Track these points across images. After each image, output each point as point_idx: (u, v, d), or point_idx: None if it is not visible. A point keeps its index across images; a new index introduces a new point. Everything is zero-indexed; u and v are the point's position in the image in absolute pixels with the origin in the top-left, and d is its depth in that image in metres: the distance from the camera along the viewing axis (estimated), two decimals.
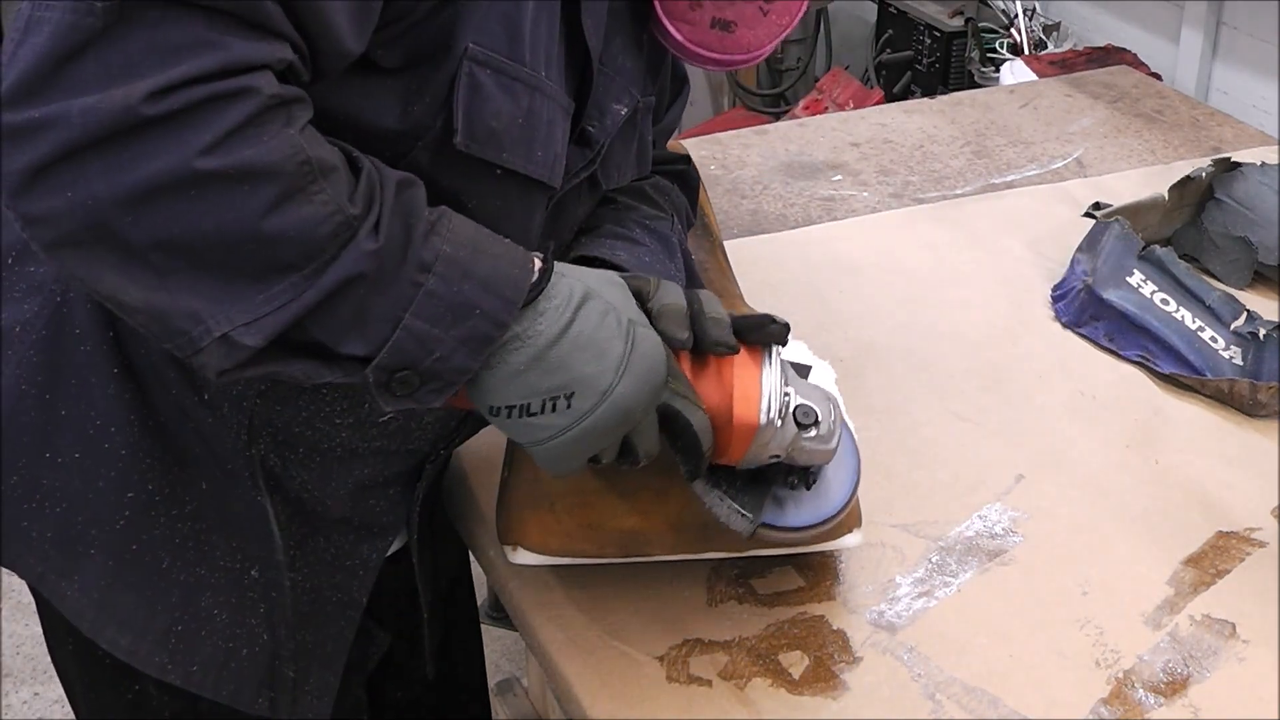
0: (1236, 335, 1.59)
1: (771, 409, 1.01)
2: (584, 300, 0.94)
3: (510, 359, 0.91)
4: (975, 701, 1.11)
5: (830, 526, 1.11)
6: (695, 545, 1.14)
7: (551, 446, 0.94)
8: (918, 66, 3.32)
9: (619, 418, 0.93)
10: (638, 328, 0.95)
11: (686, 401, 0.97)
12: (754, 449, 1.03)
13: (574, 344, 0.92)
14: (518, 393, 0.92)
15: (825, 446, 1.05)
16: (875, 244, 1.77)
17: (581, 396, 0.92)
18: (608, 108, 1.12)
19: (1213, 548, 1.28)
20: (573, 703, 1.13)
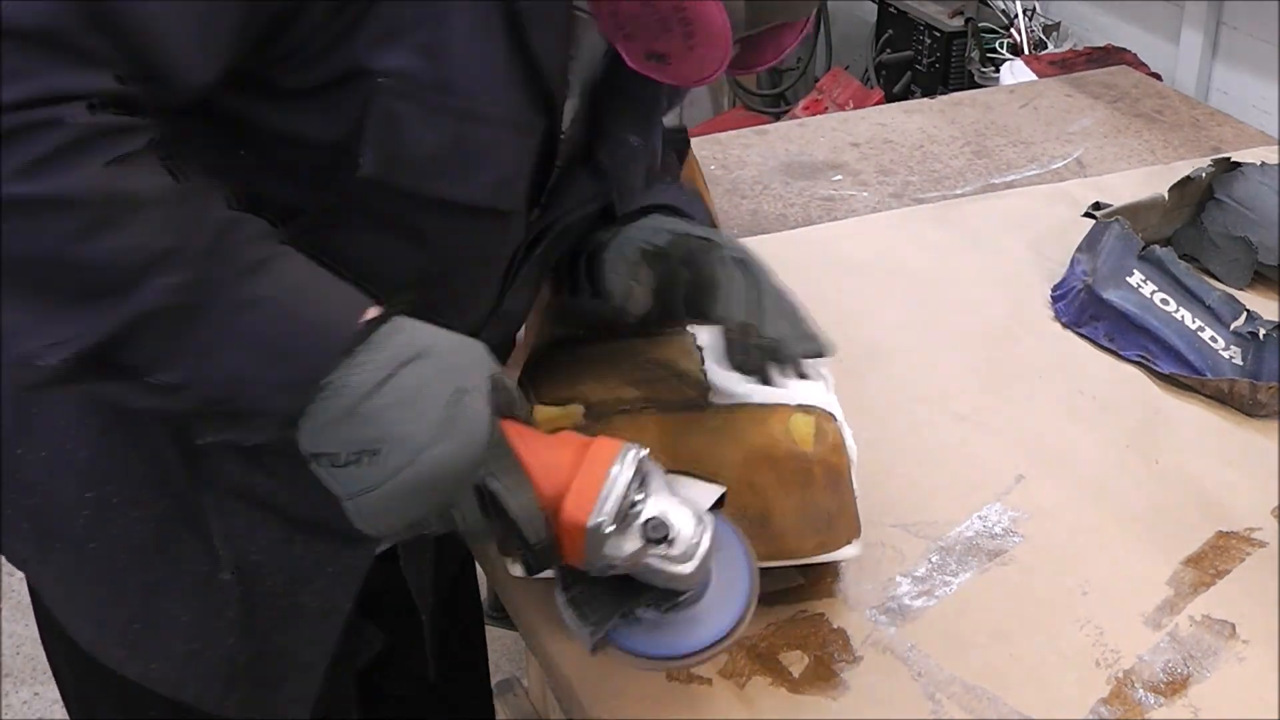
0: (1236, 335, 1.59)
1: (605, 514, 0.93)
2: (414, 357, 0.90)
3: (323, 408, 0.89)
4: (975, 701, 1.11)
5: (691, 661, 1.03)
6: None
7: (362, 503, 0.90)
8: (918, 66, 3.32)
9: (429, 482, 0.89)
10: (468, 396, 0.91)
11: (504, 487, 0.93)
12: (590, 555, 0.95)
13: (390, 399, 0.89)
14: (328, 441, 0.89)
15: (678, 569, 0.96)
16: (875, 244, 1.77)
17: (391, 453, 0.89)
18: (622, 138, 1.11)
19: (1213, 548, 1.28)
20: (573, 703, 1.13)
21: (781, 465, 1.13)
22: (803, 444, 1.14)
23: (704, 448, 1.13)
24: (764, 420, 1.14)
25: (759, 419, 1.15)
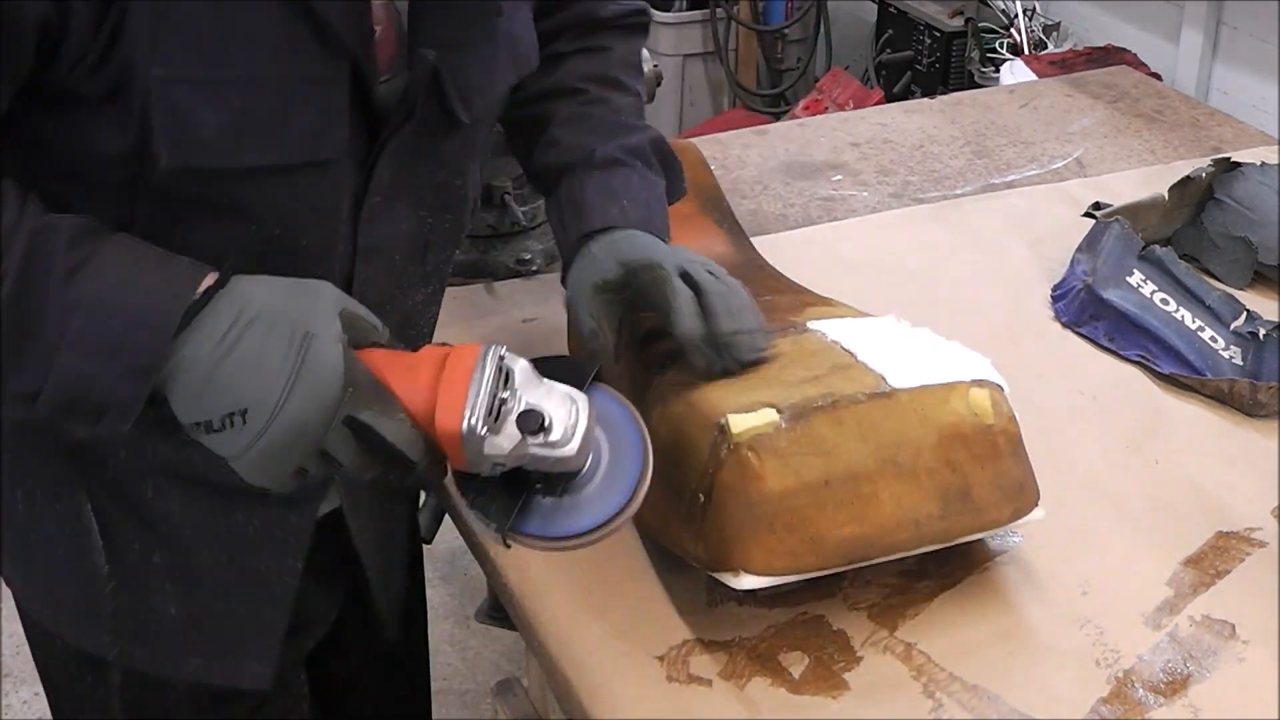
0: (1236, 335, 1.59)
1: (475, 416, 0.96)
2: (252, 319, 0.94)
3: (183, 382, 0.93)
4: (976, 700, 1.11)
5: (597, 535, 1.04)
6: (911, 543, 1.14)
7: (243, 463, 0.94)
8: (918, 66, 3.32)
9: (294, 433, 0.93)
10: (314, 341, 0.94)
11: (375, 414, 0.95)
12: (471, 459, 0.98)
13: (237, 366, 0.93)
14: (198, 412, 0.94)
15: (560, 453, 0.99)
16: (875, 244, 1.77)
17: (253, 415, 0.93)
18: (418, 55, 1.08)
19: (1213, 548, 1.28)
20: (573, 703, 1.13)
21: (972, 441, 1.16)
22: (985, 417, 1.17)
23: (901, 432, 1.14)
24: (946, 399, 1.17)
25: (942, 398, 1.17)
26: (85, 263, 0.93)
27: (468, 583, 2.69)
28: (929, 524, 1.14)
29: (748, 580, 1.11)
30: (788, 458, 1.11)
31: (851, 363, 1.21)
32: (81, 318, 0.92)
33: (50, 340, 0.92)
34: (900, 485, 1.13)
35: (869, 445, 1.13)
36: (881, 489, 1.13)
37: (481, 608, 2.62)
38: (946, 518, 1.14)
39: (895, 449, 1.14)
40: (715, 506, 1.12)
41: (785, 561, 1.11)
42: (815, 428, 1.13)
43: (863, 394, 1.16)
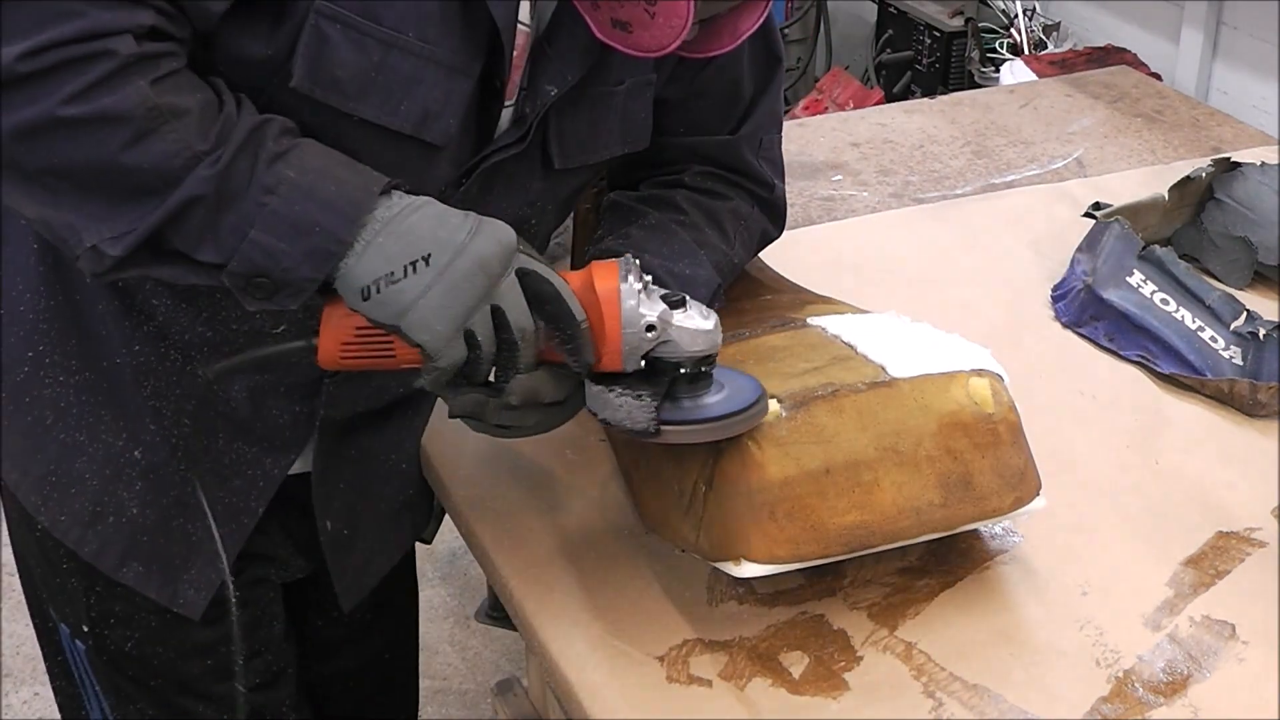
0: (1236, 335, 1.59)
1: (630, 274, 1.05)
2: (426, 203, 1.04)
3: (372, 236, 1.02)
4: (977, 699, 1.11)
5: (746, 417, 1.10)
6: (912, 531, 1.15)
7: (421, 308, 1.01)
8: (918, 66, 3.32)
9: (476, 268, 1.02)
10: (484, 221, 1.04)
11: (541, 269, 1.04)
12: (627, 323, 1.05)
13: (422, 216, 1.03)
14: (379, 265, 1.02)
15: (702, 324, 1.06)
16: (875, 244, 1.77)
17: (438, 254, 1.01)
18: (540, 88, 1.17)
19: (1213, 548, 1.28)
20: (573, 703, 1.13)
21: (972, 429, 1.16)
22: (985, 406, 1.17)
23: (901, 420, 1.15)
24: (946, 388, 1.17)
25: (942, 387, 1.17)
26: (287, 152, 1.02)
27: (468, 583, 2.69)
28: (930, 512, 1.14)
29: (749, 568, 1.11)
30: (788, 446, 1.12)
31: (851, 355, 1.22)
32: (279, 199, 1.01)
33: (247, 215, 1.00)
34: (901, 473, 1.13)
35: (869, 433, 1.14)
36: (882, 477, 1.13)
37: (481, 608, 2.63)
38: (948, 505, 1.15)
39: (896, 437, 1.14)
40: (716, 495, 1.12)
41: (786, 549, 1.11)
42: (816, 416, 1.13)
43: (863, 383, 1.16)
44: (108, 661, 1.34)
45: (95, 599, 1.30)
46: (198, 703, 1.36)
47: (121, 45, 0.97)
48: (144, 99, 0.98)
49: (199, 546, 1.27)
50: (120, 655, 1.33)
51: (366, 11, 1.06)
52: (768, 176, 1.38)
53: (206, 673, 1.34)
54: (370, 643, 1.55)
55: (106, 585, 1.29)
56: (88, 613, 1.32)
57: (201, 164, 0.99)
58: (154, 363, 1.22)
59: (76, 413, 1.24)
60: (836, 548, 1.13)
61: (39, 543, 1.31)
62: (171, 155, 0.99)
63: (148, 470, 1.25)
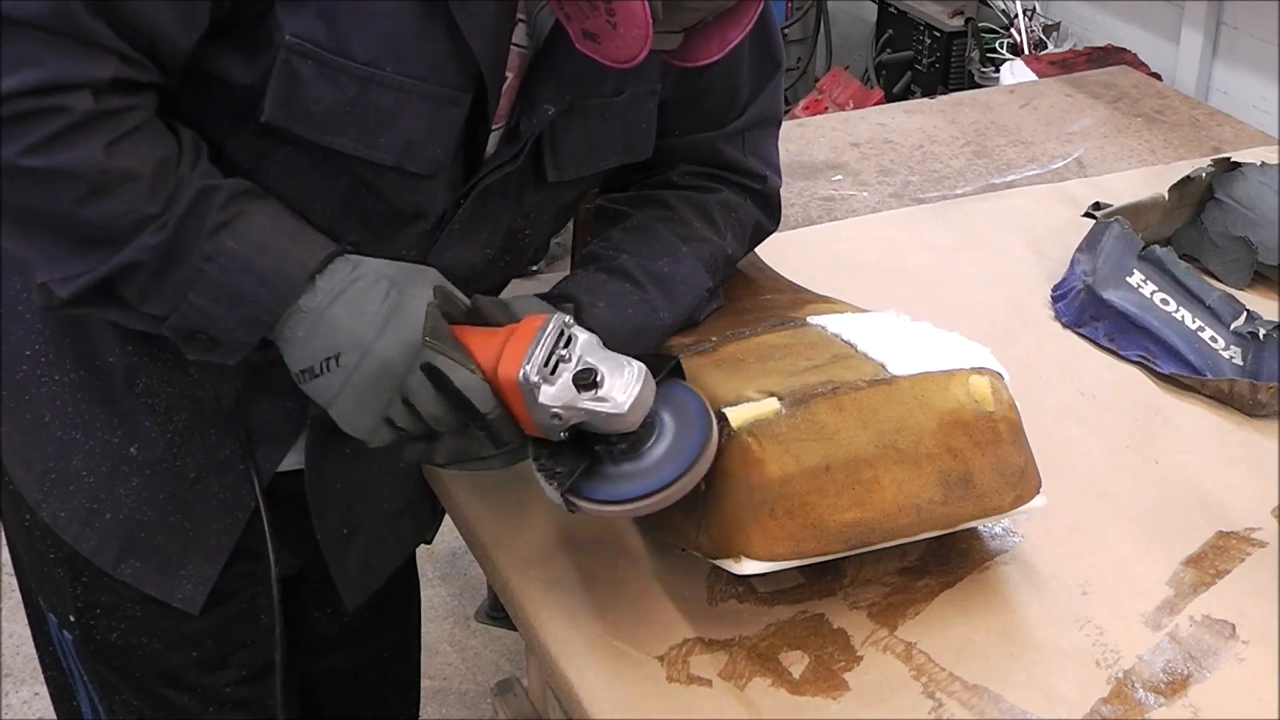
0: (1236, 335, 1.59)
1: (531, 365, 1.05)
2: (359, 278, 1.08)
3: (296, 328, 1.08)
4: (977, 699, 1.11)
5: (654, 500, 1.08)
6: (912, 528, 1.15)
7: (339, 404, 1.08)
8: (918, 66, 3.32)
9: (380, 370, 1.06)
10: (405, 296, 1.08)
11: (450, 361, 1.06)
12: (530, 409, 1.06)
13: (341, 309, 1.07)
14: (304, 357, 1.08)
15: (611, 409, 1.05)
16: (875, 244, 1.77)
17: (347, 354, 1.06)
18: (538, 106, 1.18)
19: (1213, 548, 1.28)
20: (573, 703, 1.13)
21: (972, 427, 1.16)
22: (985, 404, 1.18)
23: (901, 418, 1.15)
24: (946, 386, 1.17)
25: (942, 385, 1.18)
26: (232, 221, 1.06)
27: (468, 583, 2.69)
28: (930, 509, 1.14)
29: (749, 565, 1.11)
30: (788, 443, 1.12)
31: (852, 353, 1.22)
32: (217, 268, 1.06)
33: (187, 279, 1.06)
34: (901, 470, 1.14)
35: (869, 431, 1.14)
36: (882, 474, 1.13)
37: (481, 608, 2.63)
38: (948, 503, 1.15)
39: (896, 434, 1.14)
40: (716, 493, 1.12)
41: (786, 546, 1.11)
42: (816, 414, 1.13)
43: (863, 381, 1.16)
44: (94, 652, 1.35)
45: (82, 589, 1.31)
46: (182, 694, 1.37)
47: (78, 102, 1.00)
48: (96, 161, 1.01)
49: (195, 542, 1.28)
50: (106, 645, 1.34)
51: (340, 48, 1.07)
52: (757, 169, 1.37)
53: (192, 664, 1.35)
54: (370, 641, 1.55)
55: (93, 575, 1.30)
56: (74, 603, 1.32)
57: (147, 229, 1.04)
58: (145, 362, 1.23)
59: (72, 411, 1.26)
60: (836, 545, 1.13)
61: (28, 532, 1.33)
62: (121, 215, 1.03)
63: (144, 466, 1.26)
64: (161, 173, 1.05)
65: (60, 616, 1.35)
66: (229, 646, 1.35)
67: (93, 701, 1.39)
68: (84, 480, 1.27)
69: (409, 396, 1.07)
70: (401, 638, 1.61)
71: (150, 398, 1.24)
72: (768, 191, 1.40)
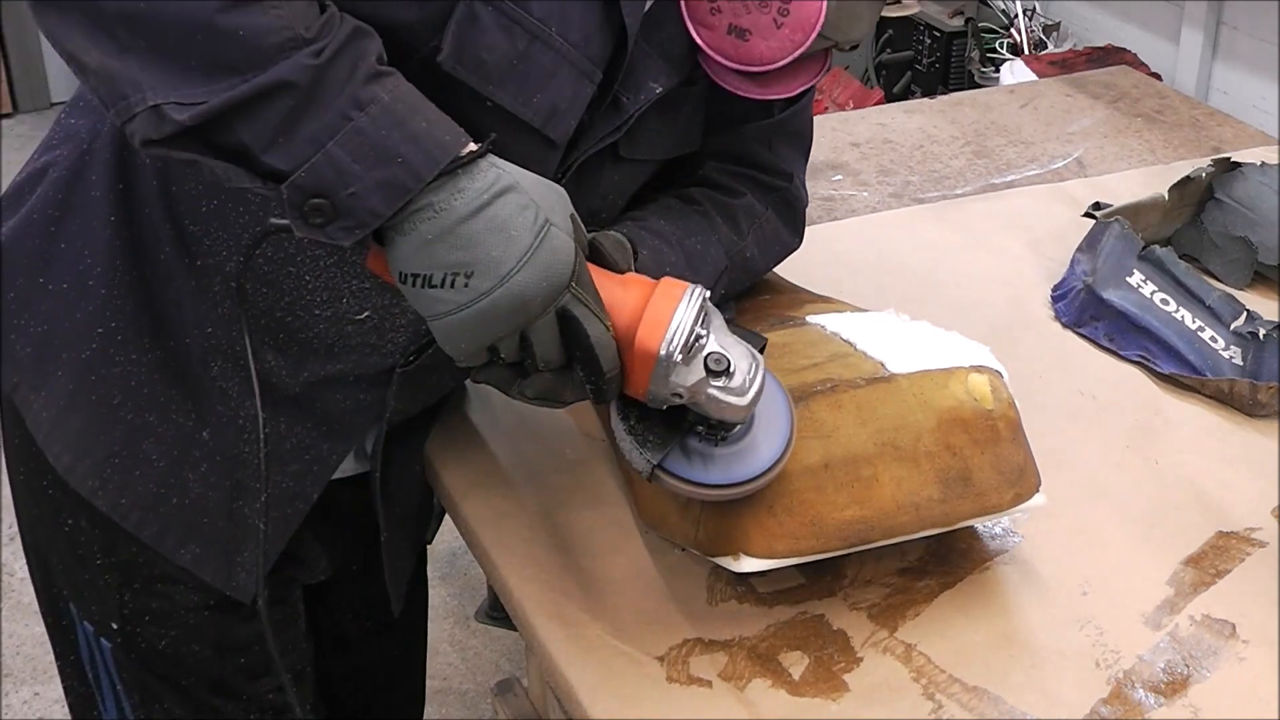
0: (1236, 335, 1.59)
1: (675, 343, 1.00)
2: (506, 189, 0.96)
3: (421, 227, 0.95)
4: (976, 701, 1.11)
5: (740, 490, 1.08)
6: (911, 526, 1.15)
7: (449, 322, 0.96)
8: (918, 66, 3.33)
9: (514, 305, 0.95)
10: (553, 228, 0.97)
11: (587, 311, 0.98)
12: (655, 383, 1.02)
13: (484, 225, 0.95)
14: (423, 262, 0.95)
15: (735, 400, 1.03)
16: (875, 244, 1.77)
17: (481, 276, 0.95)
18: (644, 84, 1.17)
19: (1213, 548, 1.28)
20: (573, 703, 1.13)
21: (971, 425, 1.16)
22: (984, 402, 1.18)
23: (900, 416, 1.15)
24: (945, 384, 1.18)
25: (941, 383, 1.18)
26: (387, 75, 0.96)
27: (468, 583, 2.70)
28: (929, 507, 1.14)
29: (748, 563, 1.12)
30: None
31: (850, 351, 1.22)
32: (366, 118, 0.93)
33: (331, 125, 0.93)
34: (900, 468, 1.14)
35: (868, 429, 1.14)
36: (881, 472, 1.13)
37: (481, 608, 2.63)
38: (947, 501, 1.15)
39: (894, 432, 1.14)
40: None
41: (785, 544, 1.11)
42: (814, 411, 1.13)
43: (862, 379, 1.17)
44: (137, 660, 1.32)
45: (130, 595, 1.28)
46: (228, 702, 1.34)
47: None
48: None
49: (251, 530, 1.25)
50: (152, 653, 1.31)
51: None
52: (783, 168, 1.37)
53: (239, 671, 1.33)
54: (383, 642, 1.55)
55: (144, 583, 1.27)
56: (120, 610, 1.29)
57: (302, 50, 0.92)
58: (224, 344, 1.20)
59: (148, 392, 1.21)
60: (835, 543, 1.13)
61: (69, 538, 1.28)
62: (270, 31, 0.91)
63: (214, 451, 1.23)
64: (312, 4, 0.95)
65: (100, 625, 1.31)
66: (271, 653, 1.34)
67: (123, 712, 1.35)
68: (153, 464, 1.22)
69: (529, 334, 0.98)
70: (411, 636, 1.62)
71: (224, 381, 1.21)
72: (791, 196, 1.39)
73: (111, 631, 1.30)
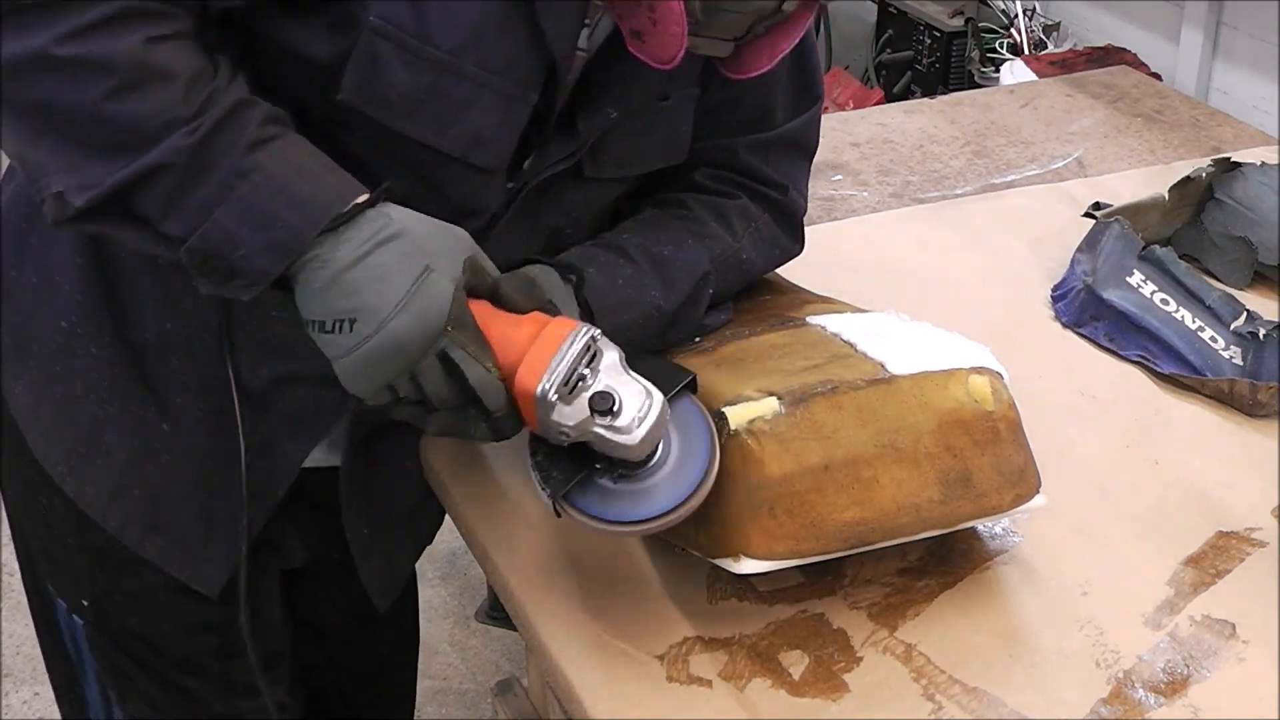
0: (1236, 335, 1.59)
1: (551, 383, 1.03)
2: (390, 238, 1.01)
3: (311, 278, 1.01)
4: (976, 702, 1.11)
5: (638, 529, 1.08)
6: (912, 527, 1.15)
7: (343, 364, 1.02)
8: (918, 66, 3.32)
9: (393, 349, 1.01)
10: (432, 275, 1.01)
11: (464, 354, 1.03)
12: (540, 422, 1.05)
13: (365, 273, 1.00)
14: (317, 309, 1.02)
15: (622, 439, 1.04)
16: (875, 244, 1.77)
17: (363, 322, 1.00)
18: (599, 110, 1.18)
19: (1213, 548, 1.28)
20: (573, 703, 1.13)
21: (971, 426, 1.16)
22: (984, 403, 1.17)
23: (900, 417, 1.15)
24: (946, 385, 1.17)
25: (941, 384, 1.17)
26: (269, 141, 1.01)
27: (468, 583, 2.69)
28: (930, 509, 1.14)
29: (748, 565, 1.11)
30: (787, 442, 1.12)
31: (851, 352, 1.22)
32: (249, 185, 1.00)
33: (215, 195, 0.99)
34: (900, 469, 1.13)
35: (869, 430, 1.14)
36: (881, 473, 1.13)
37: (481, 608, 2.63)
38: (947, 502, 1.15)
39: (895, 434, 1.14)
40: (716, 492, 1.12)
41: (785, 545, 1.11)
42: (815, 413, 1.13)
43: (862, 380, 1.16)
44: (109, 639, 1.34)
45: (101, 575, 1.31)
46: (198, 681, 1.36)
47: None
48: (133, 53, 0.98)
49: (220, 525, 1.27)
50: (124, 633, 1.33)
51: (422, 33, 1.06)
52: (778, 179, 1.37)
53: (210, 651, 1.35)
54: (366, 636, 1.55)
55: (115, 564, 1.29)
56: (91, 589, 1.32)
57: (178, 131, 0.98)
58: (184, 340, 1.22)
59: (107, 385, 1.24)
60: (836, 544, 1.13)
61: (44, 518, 1.31)
62: (150, 115, 0.98)
63: (174, 444, 1.25)
64: (198, 79, 1.01)
65: (72, 602, 1.34)
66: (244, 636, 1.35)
67: (104, 690, 1.39)
68: (115, 456, 1.26)
69: (418, 375, 1.03)
70: (398, 635, 1.62)
71: (184, 375, 1.24)
72: (788, 204, 1.39)
73: (84, 609, 1.33)
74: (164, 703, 1.38)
